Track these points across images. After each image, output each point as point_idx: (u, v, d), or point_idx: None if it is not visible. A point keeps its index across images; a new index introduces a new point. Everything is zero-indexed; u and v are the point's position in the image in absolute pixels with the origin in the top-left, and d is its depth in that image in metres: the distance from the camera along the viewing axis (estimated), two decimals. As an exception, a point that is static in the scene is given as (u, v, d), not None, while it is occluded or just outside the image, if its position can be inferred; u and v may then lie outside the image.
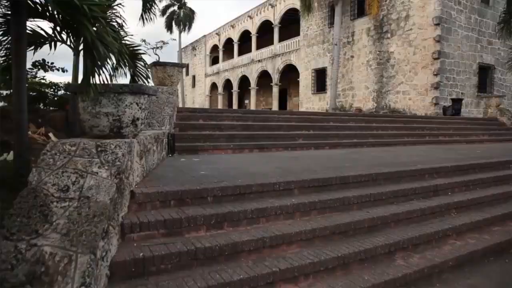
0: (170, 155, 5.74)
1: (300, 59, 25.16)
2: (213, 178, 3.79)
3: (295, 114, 8.52)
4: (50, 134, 3.94)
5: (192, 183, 3.53)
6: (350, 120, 9.27)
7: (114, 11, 5.00)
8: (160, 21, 42.96)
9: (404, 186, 4.50)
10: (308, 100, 24.40)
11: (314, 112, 8.46)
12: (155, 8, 6.29)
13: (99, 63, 2.86)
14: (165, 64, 6.91)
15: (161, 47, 7.09)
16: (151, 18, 6.36)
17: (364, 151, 7.42)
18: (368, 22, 19.87)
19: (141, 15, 6.28)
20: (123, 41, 4.97)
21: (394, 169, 4.82)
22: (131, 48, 5.16)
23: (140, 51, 5.30)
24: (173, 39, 8.49)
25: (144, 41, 6.95)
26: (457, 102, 15.27)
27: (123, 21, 5.24)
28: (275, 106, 28.88)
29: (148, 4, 6.09)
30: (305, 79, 24.71)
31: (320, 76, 23.47)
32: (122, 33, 5.10)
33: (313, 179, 3.92)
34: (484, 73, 18.42)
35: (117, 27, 5.05)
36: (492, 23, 18.27)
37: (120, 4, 5.06)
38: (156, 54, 7.15)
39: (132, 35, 5.04)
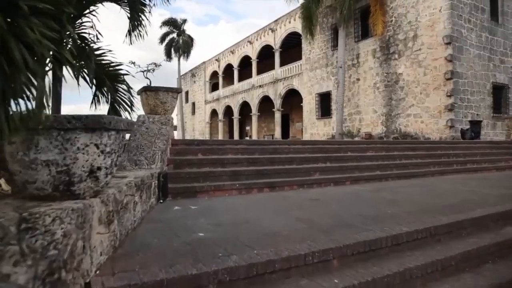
0: (162, 200, 4.60)
1: (303, 83, 24.34)
2: (216, 247, 2.64)
3: (307, 144, 7.42)
4: (1, 181, 2.83)
5: (185, 258, 2.38)
6: (368, 149, 8.16)
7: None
8: (160, 48, 42.65)
9: (471, 241, 3.35)
10: (312, 126, 23.40)
11: (328, 141, 7.35)
12: (144, 25, 5.25)
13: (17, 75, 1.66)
14: (157, 89, 5.89)
15: (153, 69, 6.06)
16: (140, 35, 5.33)
17: (393, 187, 6.28)
18: (374, 43, 19.10)
19: (128, 31, 5.27)
20: (99, 57, 3.93)
21: (452, 218, 3.67)
22: (110, 68, 4.10)
23: (122, 72, 4.24)
24: (167, 60, 7.49)
25: (133, 63, 5.89)
26: (475, 124, 14.23)
27: (98, 33, 4.19)
28: (278, 133, 27.89)
29: (136, 19, 5.09)
30: (309, 104, 23.79)
31: (324, 101, 22.56)
32: (99, 48, 4.05)
33: (356, 243, 2.77)
34: (498, 93, 17.47)
35: (89, 39, 4.02)
36: (503, 41, 17.49)
37: (93, 11, 4.04)
38: (147, 77, 6.05)
39: (111, 50, 3.81)
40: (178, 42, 41.64)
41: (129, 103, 4.26)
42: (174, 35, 42.27)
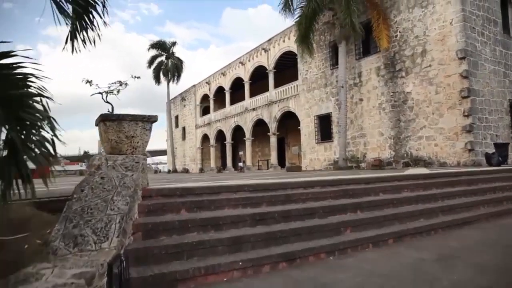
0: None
1: (300, 105, 22.75)
2: None
3: (327, 186, 5.62)
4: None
5: None
6: (402, 187, 6.39)
7: None
8: (148, 72, 41.19)
9: None
10: (312, 151, 21.68)
11: (352, 178, 5.55)
12: (95, 26, 3.50)
13: None
14: (120, 118, 4.09)
15: (118, 90, 4.26)
16: (90, 41, 3.58)
17: (456, 247, 4.48)
18: (377, 60, 17.64)
19: (70, 34, 3.53)
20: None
21: None
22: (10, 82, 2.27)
23: (32, 83, 2.39)
24: (137, 77, 5.87)
25: (89, 82, 4.11)
26: (501, 147, 12.59)
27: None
28: (273, 158, 26.10)
29: (82, 17, 3.35)
30: (307, 127, 22.14)
31: (324, 123, 20.93)
32: None
33: None
34: (516, 112, 15.99)
35: None
36: (517, 56, 16.14)
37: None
38: (107, 102, 4.21)
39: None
40: (167, 65, 40.17)
41: (48, 145, 2.45)
42: (163, 58, 40.85)
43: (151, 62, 40.43)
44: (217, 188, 4.72)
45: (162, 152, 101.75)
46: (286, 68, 28.11)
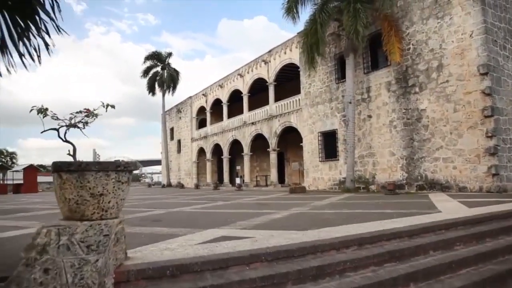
0: None
1: (303, 120, 21.48)
2: None
3: (366, 244, 4.27)
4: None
5: None
6: (453, 241, 5.06)
7: None
8: (143, 82, 39.90)
9: None
10: (315, 169, 20.35)
11: (394, 232, 4.08)
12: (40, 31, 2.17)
13: None
14: (83, 169, 2.74)
15: (85, 123, 2.91)
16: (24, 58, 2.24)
17: None
18: (388, 75, 16.45)
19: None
20: None
21: None
22: None
23: None
24: (112, 106, 4.87)
25: (42, 111, 2.76)
26: (533, 174, 11.35)
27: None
28: (273, 175, 24.73)
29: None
30: (310, 144, 20.84)
31: (329, 140, 19.65)
32: None
33: None
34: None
35: None
36: (539, 72, 14.98)
37: None
38: (67, 141, 2.84)
39: None
40: (162, 76, 38.96)
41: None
42: (158, 68, 39.67)
43: (146, 72, 39.18)
44: (223, 261, 3.35)
45: (156, 162, 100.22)
46: (287, 81, 26.89)
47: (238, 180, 33.78)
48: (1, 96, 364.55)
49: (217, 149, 33.64)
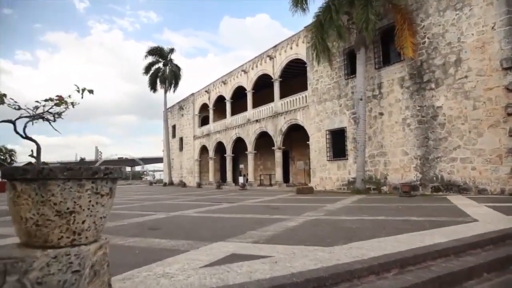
0: None
1: (310, 118, 20.66)
2: None
3: (408, 265, 3.49)
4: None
5: None
6: (508, 259, 4.25)
7: None
8: (145, 79, 39.16)
9: None
10: (322, 169, 19.54)
11: (439, 249, 3.20)
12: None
13: None
14: (45, 177, 1.95)
15: (56, 115, 2.15)
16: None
17: None
18: (401, 70, 15.61)
19: None
20: None
21: None
22: None
23: None
24: (89, 91, 4.17)
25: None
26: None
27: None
28: (278, 175, 23.93)
29: None
30: (317, 143, 20.03)
31: (337, 139, 18.83)
32: None
33: None
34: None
35: None
36: None
37: None
38: (23, 135, 2.04)
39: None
40: (164, 72, 38.19)
41: None
42: (160, 64, 38.92)
43: (147, 69, 38.44)
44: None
45: (159, 160, 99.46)
46: (293, 77, 26.11)
47: (241, 179, 32.96)
48: (3, 93, 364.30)
49: (220, 147, 32.88)
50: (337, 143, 18.82)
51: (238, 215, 7.98)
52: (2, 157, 35.40)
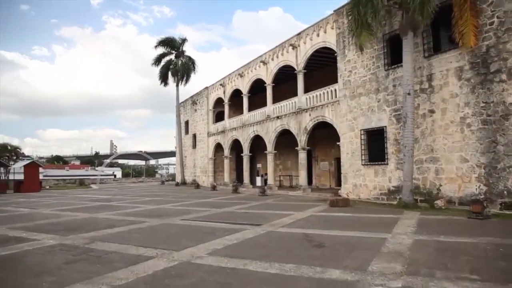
0: None
1: (340, 115, 17.99)
2: None
3: None
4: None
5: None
6: None
7: None
8: (157, 72, 37.01)
9: None
10: (356, 174, 16.89)
11: None
12: None
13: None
14: None
15: None
16: None
17: None
18: (458, 58, 12.84)
19: None
20: None
21: None
22: None
23: None
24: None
25: None
26: None
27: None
28: (302, 178, 21.37)
29: None
30: (350, 144, 17.37)
31: (374, 140, 16.16)
32: None
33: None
34: None
35: None
36: None
37: None
38: None
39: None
40: (176, 65, 35.83)
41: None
42: (172, 56, 36.61)
43: (158, 60, 36.19)
44: None
45: (172, 154, 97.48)
46: (318, 68, 23.44)
47: (258, 181, 30.52)
48: (21, 88, 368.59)
49: (235, 145, 30.44)
50: (375, 144, 16.15)
51: (274, 266, 5.47)
52: (8, 155, 33.50)
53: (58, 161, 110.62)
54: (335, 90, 18.62)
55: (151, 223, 10.29)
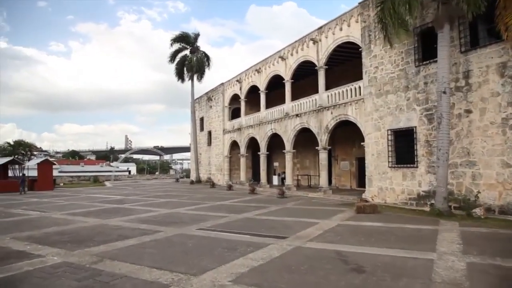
0: None
1: (365, 114, 16.97)
2: None
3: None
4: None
5: None
6: None
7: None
8: (172, 68, 36.39)
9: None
10: (382, 177, 15.89)
11: None
12: None
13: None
14: None
15: None
16: None
17: None
18: (501, 53, 11.72)
19: None
20: None
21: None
22: None
23: None
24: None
25: None
26: None
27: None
28: (323, 179, 20.41)
29: None
30: (375, 144, 16.36)
31: (402, 141, 15.13)
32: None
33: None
34: None
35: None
36: None
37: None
38: None
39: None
40: (191, 60, 35.14)
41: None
42: (187, 52, 35.96)
43: (173, 56, 35.60)
44: None
45: (185, 149, 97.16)
46: (337, 64, 22.41)
47: (275, 179, 29.68)
48: (38, 83, 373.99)
49: (252, 143, 29.62)
50: (403, 146, 15.12)
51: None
52: (23, 152, 33.30)
53: (73, 156, 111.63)
54: (359, 87, 17.58)
55: (166, 233, 9.54)
